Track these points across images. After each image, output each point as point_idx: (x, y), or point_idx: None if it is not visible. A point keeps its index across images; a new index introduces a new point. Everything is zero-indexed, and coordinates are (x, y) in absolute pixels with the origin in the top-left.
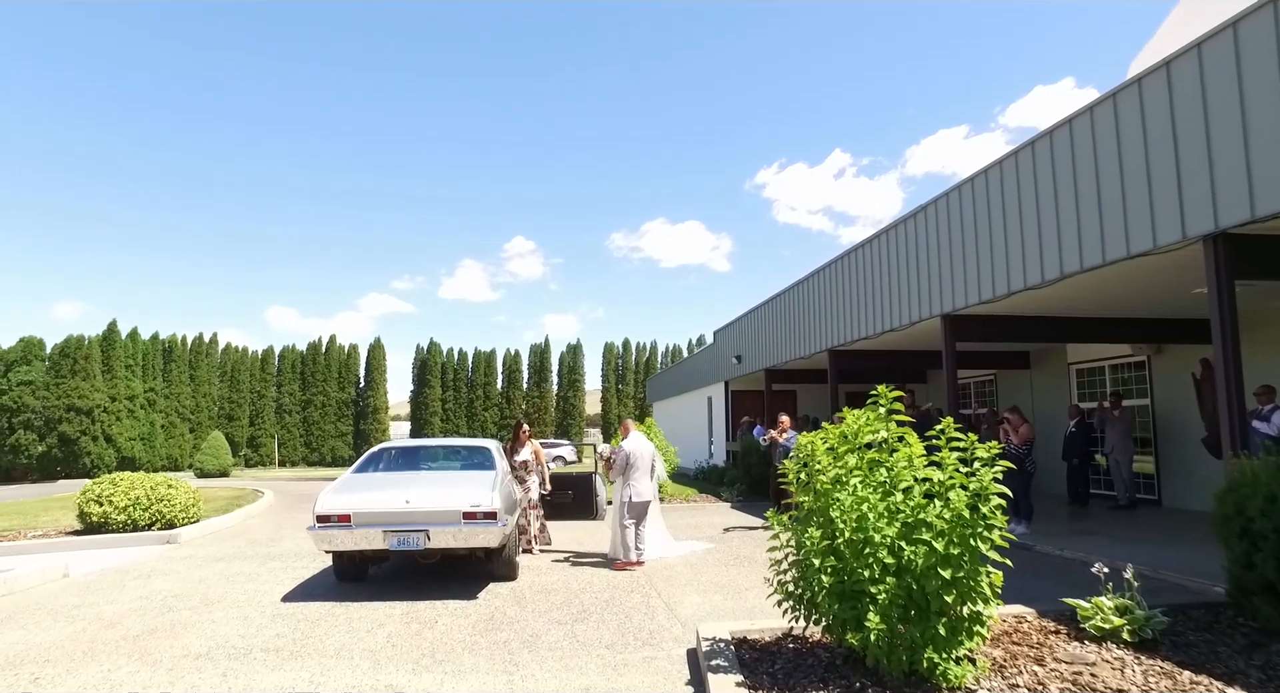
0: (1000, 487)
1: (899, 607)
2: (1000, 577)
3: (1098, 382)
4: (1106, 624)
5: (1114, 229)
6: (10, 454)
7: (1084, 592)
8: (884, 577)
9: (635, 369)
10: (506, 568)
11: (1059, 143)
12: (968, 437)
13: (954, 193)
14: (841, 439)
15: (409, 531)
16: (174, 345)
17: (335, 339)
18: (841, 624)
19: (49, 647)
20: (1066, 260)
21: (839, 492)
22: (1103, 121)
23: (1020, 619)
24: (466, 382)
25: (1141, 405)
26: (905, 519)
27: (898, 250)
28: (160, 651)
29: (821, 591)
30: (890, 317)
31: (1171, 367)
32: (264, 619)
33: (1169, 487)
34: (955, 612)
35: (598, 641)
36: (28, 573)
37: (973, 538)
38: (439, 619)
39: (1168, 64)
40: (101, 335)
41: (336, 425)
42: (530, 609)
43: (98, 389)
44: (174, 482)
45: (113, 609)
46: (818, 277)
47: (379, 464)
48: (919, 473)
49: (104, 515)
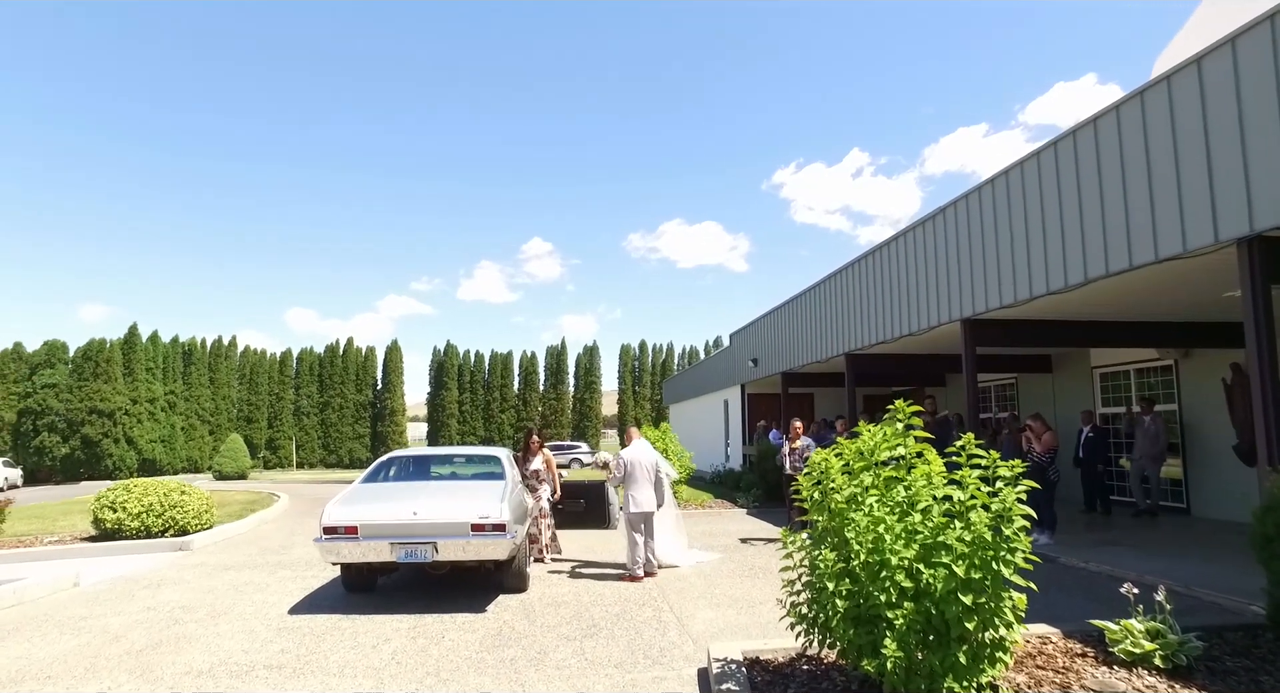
0: (1025, 509)
1: (917, 633)
2: (1024, 600)
3: (1122, 386)
4: (1137, 649)
5: (1141, 232)
6: (35, 456)
7: (1111, 609)
8: (901, 601)
9: (652, 371)
10: (516, 579)
11: (1083, 142)
12: (989, 453)
13: (973, 195)
14: (857, 456)
15: (416, 543)
16: (193, 348)
17: (353, 341)
18: (857, 650)
19: (51, 662)
20: (1091, 264)
21: (854, 512)
22: (1129, 121)
23: (1045, 640)
24: (483, 384)
25: (1169, 411)
26: (924, 541)
27: (916, 253)
28: (162, 667)
29: (836, 615)
30: (908, 321)
31: (1200, 371)
32: (269, 633)
33: (1198, 495)
34: (977, 638)
35: (606, 659)
36: (38, 583)
37: (995, 561)
38: (446, 634)
39: (1199, 61)
40: (123, 339)
41: (354, 428)
42: (539, 624)
43: (119, 392)
44: (187, 488)
45: (119, 621)
46: (834, 280)
47: (388, 473)
48: (938, 492)
49: (118, 522)
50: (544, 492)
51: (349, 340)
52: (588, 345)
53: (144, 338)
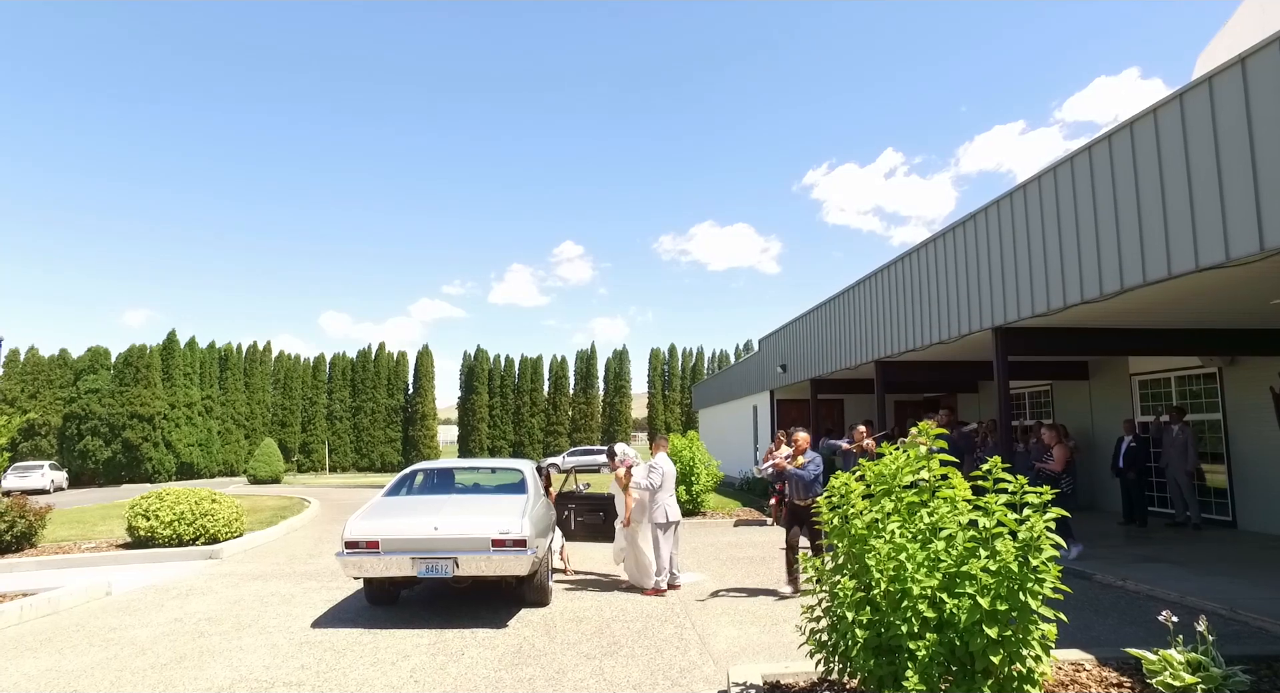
0: (1054, 538)
1: (940, 664)
2: (1054, 631)
3: (1162, 394)
4: (1177, 682)
5: (1180, 240)
6: (80, 459)
7: (1150, 633)
8: (924, 632)
9: (681, 375)
10: (538, 594)
11: (1119, 147)
12: (1016, 479)
13: (1005, 200)
14: (878, 480)
15: (437, 558)
16: (229, 353)
17: (384, 346)
18: (878, 680)
19: (78, 675)
20: (1128, 273)
21: (875, 538)
22: (1168, 124)
23: (1078, 667)
24: (513, 388)
25: (1213, 420)
26: (947, 569)
27: (947, 259)
28: (184, 683)
29: (856, 644)
30: (939, 328)
31: (1246, 379)
32: (291, 648)
33: (1245, 508)
34: (1003, 671)
35: (625, 680)
36: (71, 593)
37: (1022, 592)
38: (466, 650)
39: (1243, 60)
40: (161, 345)
41: (386, 432)
42: (559, 640)
43: (158, 397)
44: (218, 497)
45: (146, 633)
46: (863, 286)
47: (411, 486)
48: (963, 518)
49: (151, 530)
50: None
51: (380, 345)
52: (617, 350)
53: (182, 344)
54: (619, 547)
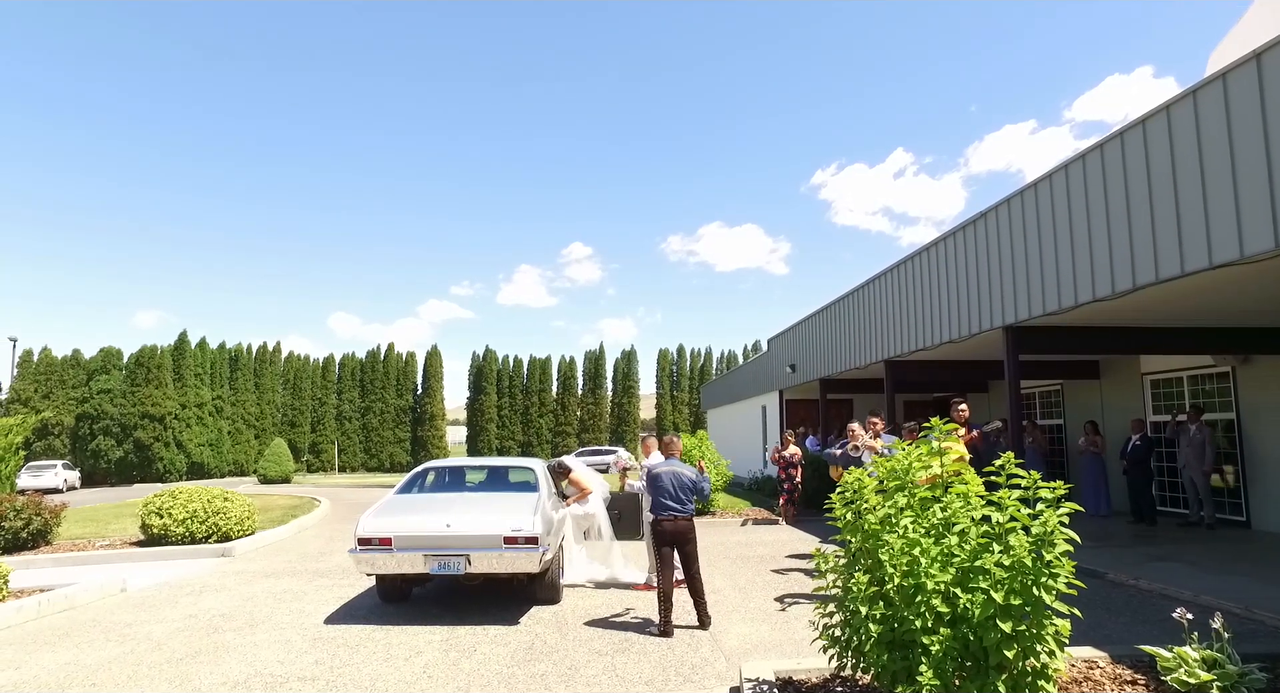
0: (1068, 533)
1: (954, 659)
2: (1068, 626)
3: (1174, 394)
4: (1192, 679)
5: (1194, 238)
6: (92, 459)
7: (1163, 631)
8: (937, 627)
9: (690, 375)
10: (549, 591)
11: (1131, 144)
12: (1030, 474)
13: (1016, 199)
14: (891, 476)
15: (449, 555)
16: (239, 354)
17: (393, 347)
18: (891, 675)
19: (96, 669)
20: (1140, 271)
21: (888, 533)
22: (1181, 121)
23: (1091, 665)
24: (521, 388)
25: (1226, 419)
26: (961, 564)
27: (958, 258)
28: (200, 677)
29: (869, 639)
30: (949, 327)
31: (1261, 378)
32: (305, 644)
33: (1259, 507)
34: (1017, 666)
35: (637, 676)
36: (87, 589)
37: (1036, 587)
38: (478, 647)
39: (1259, 56)
40: (172, 345)
41: (394, 432)
42: (571, 637)
43: (169, 397)
44: (230, 495)
45: (161, 629)
46: (873, 285)
47: (423, 484)
48: (976, 513)
49: (164, 528)
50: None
51: (389, 346)
52: (625, 350)
53: (193, 344)
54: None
